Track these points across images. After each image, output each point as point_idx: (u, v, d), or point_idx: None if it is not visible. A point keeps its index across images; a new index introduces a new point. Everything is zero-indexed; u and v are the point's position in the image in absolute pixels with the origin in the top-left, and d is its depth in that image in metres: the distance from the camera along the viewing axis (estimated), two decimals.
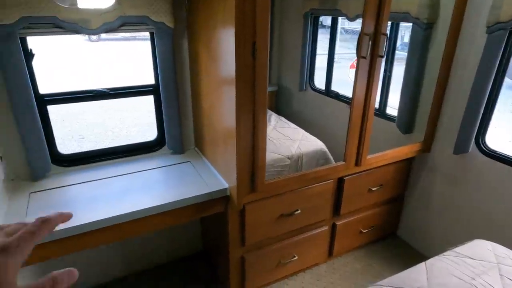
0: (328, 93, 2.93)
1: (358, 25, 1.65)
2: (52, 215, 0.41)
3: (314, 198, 2.00)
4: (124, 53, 9.89)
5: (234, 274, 1.96)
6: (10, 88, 1.54)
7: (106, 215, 1.47)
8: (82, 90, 1.83)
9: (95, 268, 2.13)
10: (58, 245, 1.41)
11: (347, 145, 1.93)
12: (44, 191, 1.66)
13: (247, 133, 1.56)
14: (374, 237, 2.50)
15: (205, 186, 1.73)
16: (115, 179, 1.79)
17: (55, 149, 1.83)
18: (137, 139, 2.09)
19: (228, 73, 1.48)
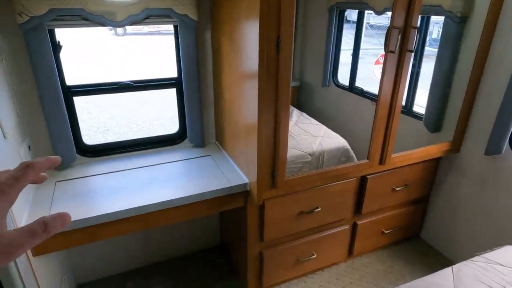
0: (352, 89, 2.85)
1: (385, 19, 1.60)
2: (38, 159, 0.39)
3: (335, 196, 1.96)
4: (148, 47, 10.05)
5: (252, 270, 1.96)
6: (38, 79, 1.57)
7: (128, 205, 1.49)
8: (106, 82, 1.86)
9: (116, 257, 2.17)
10: (81, 234, 1.44)
11: (371, 143, 1.87)
12: (69, 181, 1.70)
13: (268, 128, 1.54)
14: (396, 238, 2.42)
15: (225, 180, 1.72)
16: (137, 170, 1.81)
17: (80, 140, 1.87)
18: (160, 132, 2.10)
19: (251, 66, 1.46)
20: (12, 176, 0.37)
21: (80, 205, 1.51)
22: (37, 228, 0.35)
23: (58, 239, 1.41)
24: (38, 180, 0.42)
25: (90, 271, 2.14)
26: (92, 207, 1.49)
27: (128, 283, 2.15)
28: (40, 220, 0.36)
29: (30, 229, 0.35)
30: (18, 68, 1.57)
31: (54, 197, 1.56)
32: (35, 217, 1.40)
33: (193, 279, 2.20)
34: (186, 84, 1.90)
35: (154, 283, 2.16)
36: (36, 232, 0.35)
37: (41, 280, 1.42)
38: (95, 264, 2.13)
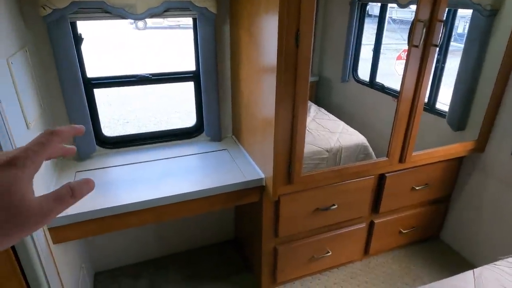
0: (372, 85, 2.79)
1: (407, 13, 1.54)
2: (62, 127, 0.39)
3: (353, 193, 1.92)
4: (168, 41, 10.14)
5: (266, 265, 1.95)
6: (60, 71, 1.61)
7: (145, 197, 1.51)
8: (126, 75, 1.88)
9: (132, 247, 2.22)
10: (100, 224, 1.47)
11: (391, 141, 1.82)
12: (89, 171, 1.74)
13: (286, 123, 1.52)
14: (414, 239, 2.37)
15: (241, 175, 1.72)
16: (155, 162, 1.83)
17: (100, 131, 1.90)
18: (177, 125, 2.11)
19: (269, 60, 1.44)
20: (37, 142, 0.36)
21: (99, 196, 1.53)
22: (65, 194, 0.35)
23: (77, 228, 1.45)
24: (66, 152, 0.41)
25: (107, 260, 2.19)
26: (111, 198, 1.52)
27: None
28: (67, 185, 0.36)
29: (58, 194, 0.35)
30: (41, 60, 1.60)
31: None
32: None
33: (206, 271, 2.22)
34: (204, 77, 1.89)
35: (168, 274, 2.19)
36: (64, 198, 0.35)
37: (60, 267, 1.46)
38: (112, 253, 2.18)
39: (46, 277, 1.31)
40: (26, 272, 1.26)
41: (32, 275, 1.27)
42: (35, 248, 1.24)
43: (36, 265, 1.26)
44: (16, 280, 1.25)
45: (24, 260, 1.23)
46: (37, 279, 1.28)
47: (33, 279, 1.28)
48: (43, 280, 1.30)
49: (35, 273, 1.27)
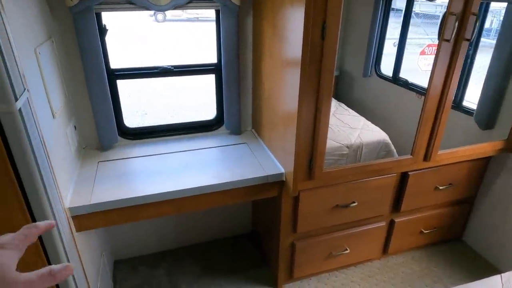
0: (396, 81, 2.71)
1: (431, 7, 1.47)
2: (40, 223, 0.48)
3: (374, 191, 1.88)
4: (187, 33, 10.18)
5: (283, 260, 1.94)
6: (85, 62, 1.62)
7: (165, 189, 1.52)
8: (148, 67, 1.89)
9: (151, 238, 2.25)
10: (119, 213, 1.49)
11: (416, 138, 1.77)
12: (111, 161, 1.76)
13: (308, 118, 1.49)
14: (436, 239, 2.31)
15: (261, 169, 1.70)
16: (174, 154, 1.84)
17: (122, 122, 1.92)
18: (197, 118, 2.12)
19: (293, 53, 1.41)
20: (22, 233, 0.45)
21: (120, 186, 1.55)
22: (46, 275, 0.42)
23: (99, 217, 1.47)
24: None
25: (126, 249, 2.23)
26: (131, 189, 1.53)
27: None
28: (49, 268, 0.42)
29: (41, 274, 0.41)
30: (66, 50, 1.62)
31: (97, 176, 1.62)
32: (79, 194, 1.46)
33: (223, 264, 2.23)
34: (225, 70, 1.88)
35: (185, 265, 2.21)
36: (46, 278, 0.41)
37: (83, 254, 1.49)
38: (132, 243, 2.22)
39: (68, 262, 1.34)
40: (51, 258, 1.29)
41: (56, 261, 1.30)
42: (60, 235, 1.26)
43: (60, 251, 1.29)
44: (41, 265, 1.28)
45: (49, 246, 1.25)
46: None
47: (57, 264, 1.30)
48: None
49: (59, 259, 1.29)
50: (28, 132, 1.06)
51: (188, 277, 2.13)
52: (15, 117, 1.01)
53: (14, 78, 1.00)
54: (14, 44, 1.01)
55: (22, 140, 1.05)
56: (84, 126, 1.80)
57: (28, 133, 1.06)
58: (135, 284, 2.07)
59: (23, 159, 1.07)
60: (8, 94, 0.98)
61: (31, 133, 1.08)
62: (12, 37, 1.01)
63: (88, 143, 1.86)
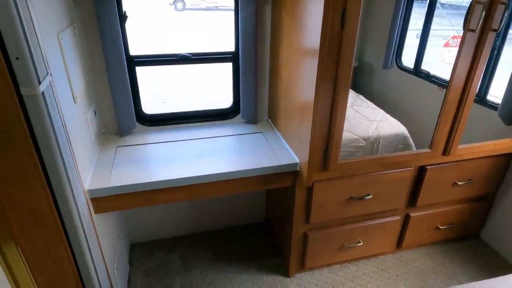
0: (417, 73, 2.64)
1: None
2: None
3: (389, 184, 1.86)
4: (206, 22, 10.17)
5: (295, 250, 1.95)
6: (105, 48, 1.65)
7: (181, 175, 1.54)
8: (167, 54, 1.90)
9: (166, 223, 2.30)
10: (137, 197, 1.53)
11: (436, 132, 1.73)
12: (128, 146, 1.80)
13: (325, 109, 1.48)
14: (452, 236, 2.26)
15: (275, 158, 1.71)
16: (191, 142, 1.86)
17: (140, 108, 1.96)
18: (213, 106, 2.13)
19: (311, 42, 1.39)
20: None
21: (137, 171, 1.59)
22: None
23: (117, 200, 1.51)
24: None
25: (142, 233, 2.29)
26: (149, 174, 1.56)
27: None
28: None
29: None
30: (87, 36, 1.65)
31: (115, 160, 1.66)
32: (98, 177, 1.51)
33: (235, 252, 2.26)
34: (243, 59, 1.88)
35: (198, 251, 2.26)
36: None
37: (100, 235, 1.54)
38: (147, 227, 2.27)
39: (87, 243, 1.39)
40: (70, 238, 1.34)
41: (75, 241, 1.35)
42: (79, 216, 1.31)
43: (79, 232, 1.33)
44: (61, 245, 1.33)
45: (69, 227, 1.30)
46: (80, 245, 1.36)
47: (76, 244, 1.36)
48: (85, 246, 1.38)
49: (78, 239, 1.34)
50: (50, 115, 1.09)
51: (201, 263, 2.17)
52: (38, 100, 1.04)
53: (38, 62, 1.03)
54: (38, 29, 1.04)
55: (45, 123, 1.08)
56: (103, 112, 1.85)
57: (51, 116, 1.09)
58: (150, 267, 2.13)
59: (45, 142, 1.10)
60: (32, 78, 1.01)
61: (53, 116, 1.11)
62: (36, 22, 1.03)
63: (107, 128, 1.91)
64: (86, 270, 1.43)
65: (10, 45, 0.96)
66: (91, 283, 1.47)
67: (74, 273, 1.42)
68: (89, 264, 1.42)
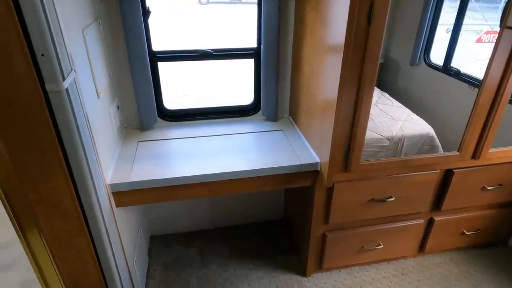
0: (446, 70, 2.53)
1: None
2: None
3: (413, 187, 1.79)
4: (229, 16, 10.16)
5: (313, 250, 1.93)
6: (128, 43, 1.66)
7: (201, 171, 1.54)
8: (189, 50, 1.90)
9: (185, 217, 2.32)
10: (157, 192, 1.55)
11: (466, 134, 1.64)
12: (150, 141, 1.82)
13: (348, 107, 1.43)
14: (478, 242, 2.17)
15: (295, 157, 1.68)
16: (210, 138, 1.86)
17: (161, 104, 1.97)
18: (234, 103, 2.11)
19: (336, 38, 1.34)
20: None
21: (158, 166, 1.60)
22: None
23: (138, 195, 1.53)
24: None
25: (162, 226, 2.33)
26: (169, 169, 1.58)
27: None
28: None
29: None
30: (111, 32, 1.67)
31: (136, 155, 1.68)
32: (119, 171, 1.53)
33: (253, 248, 2.26)
34: (264, 55, 1.85)
35: (216, 246, 2.27)
36: None
37: (121, 228, 1.57)
38: (167, 220, 2.31)
39: (108, 236, 1.42)
40: (92, 230, 1.37)
41: (96, 233, 1.38)
42: (100, 209, 1.33)
43: (100, 225, 1.36)
44: (83, 237, 1.37)
45: (91, 220, 1.33)
46: (101, 237, 1.39)
47: (97, 236, 1.39)
48: (105, 238, 1.41)
49: (99, 231, 1.37)
50: (74, 111, 1.11)
51: (218, 258, 2.18)
52: (63, 96, 1.06)
53: (62, 59, 1.04)
54: (63, 26, 1.05)
55: (69, 119, 1.10)
56: (126, 106, 1.87)
57: (74, 112, 1.11)
58: (169, 260, 2.16)
59: (69, 137, 1.13)
60: (57, 74, 1.03)
61: (77, 112, 1.13)
62: (61, 19, 1.05)
63: (129, 123, 1.93)
64: (106, 262, 1.46)
65: (36, 42, 0.97)
66: (111, 275, 1.51)
67: (95, 264, 1.46)
68: (109, 256, 1.45)
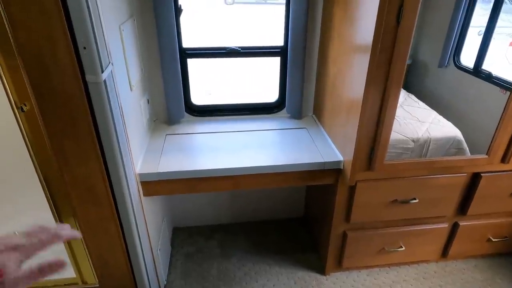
0: (477, 73, 2.46)
1: None
2: (65, 232, 0.49)
3: (438, 190, 1.76)
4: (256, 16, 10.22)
5: (333, 249, 1.93)
6: (161, 40, 1.73)
7: (226, 165, 1.59)
8: (216, 47, 1.95)
9: (208, 210, 2.38)
10: (183, 184, 1.60)
11: (495, 137, 1.61)
12: (177, 135, 1.88)
13: (374, 107, 1.44)
14: (505, 249, 2.11)
15: (318, 155, 1.69)
16: (235, 134, 1.90)
17: (189, 99, 2.03)
18: (259, 100, 2.15)
19: (364, 37, 1.35)
20: (39, 239, 0.46)
21: (184, 158, 1.66)
22: (35, 272, 0.45)
23: (165, 185, 1.59)
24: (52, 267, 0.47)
25: (185, 218, 2.39)
26: (194, 162, 1.63)
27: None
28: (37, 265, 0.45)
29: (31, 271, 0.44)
30: (145, 28, 1.75)
31: (164, 148, 1.75)
32: (148, 162, 1.59)
33: (273, 244, 2.28)
34: (291, 53, 1.87)
35: (237, 240, 2.31)
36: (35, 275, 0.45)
37: (147, 216, 1.64)
38: (190, 213, 2.37)
39: (136, 223, 1.49)
40: (121, 216, 1.44)
41: (125, 219, 1.45)
42: (130, 197, 1.40)
43: (129, 211, 1.43)
44: (113, 222, 1.44)
45: (121, 206, 1.40)
46: (129, 223, 1.46)
47: (126, 222, 1.46)
48: (133, 225, 1.48)
49: (128, 218, 1.44)
50: (110, 102, 1.18)
51: (238, 251, 2.22)
52: (101, 87, 1.13)
53: (102, 52, 1.11)
54: (103, 21, 1.12)
55: (105, 109, 1.17)
56: (155, 100, 1.94)
57: (110, 102, 1.18)
58: (190, 251, 2.23)
59: (104, 126, 1.20)
60: (96, 66, 1.10)
61: (113, 103, 1.20)
62: (102, 15, 1.11)
63: (158, 116, 2.01)
64: (133, 248, 1.53)
65: (79, 36, 1.04)
66: (137, 260, 1.58)
67: (123, 249, 1.53)
68: (136, 242, 1.52)
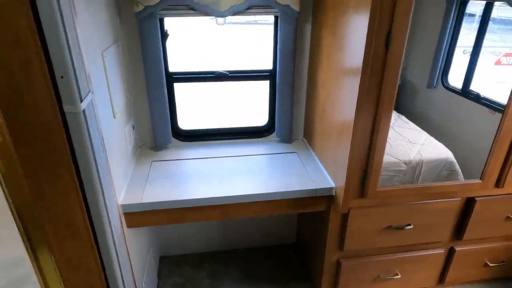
0: (465, 93, 2.47)
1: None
2: None
3: (433, 215, 1.72)
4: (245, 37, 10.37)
5: (327, 277, 1.85)
6: (146, 65, 1.69)
7: (213, 194, 1.53)
8: (204, 71, 1.92)
9: (196, 238, 2.29)
10: (168, 214, 1.53)
11: (488, 161, 1.58)
12: (163, 161, 1.82)
13: (365, 131, 1.40)
14: (503, 274, 2.05)
15: (310, 181, 1.64)
16: (224, 159, 1.85)
17: (176, 124, 1.98)
18: (248, 124, 2.11)
19: (353, 62, 1.33)
20: None
21: (170, 187, 1.59)
22: None
23: (149, 216, 1.52)
24: None
25: (172, 247, 2.29)
26: (181, 191, 1.56)
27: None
28: None
29: None
30: (130, 53, 1.71)
31: (149, 175, 1.68)
32: (132, 192, 1.52)
33: (265, 272, 2.19)
34: (280, 77, 1.85)
35: (227, 268, 2.22)
36: None
37: (131, 248, 1.55)
38: (178, 241, 2.27)
39: (117, 257, 1.40)
40: (101, 251, 1.35)
41: (106, 254, 1.36)
42: (111, 230, 1.32)
43: (110, 245, 1.34)
44: (93, 257, 1.35)
45: (101, 240, 1.32)
46: (110, 258, 1.37)
47: (106, 257, 1.37)
48: (115, 259, 1.39)
49: (109, 252, 1.35)
50: (89, 132, 1.12)
51: (229, 281, 2.13)
52: (79, 117, 1.07)
53: (81, 81, 1.06)
54: (83, 49, 1.07)
55: (84, 140, 1.10)
56: (141, 126, 1.88)
57: (90, 132, 1.12)
58: (178, 282, 2.12)
59: (83, 158, 1.13)
60: (75, 96, 1.04)
61: (92, 132, 1.13)
62: (81, 42, 1.07)
63: (144, 142, 1.94)
64: (114, 284, 1.44)
65: (56, 65, 0.99)
66: None
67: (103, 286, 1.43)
68: (117, 277, 1.43)
